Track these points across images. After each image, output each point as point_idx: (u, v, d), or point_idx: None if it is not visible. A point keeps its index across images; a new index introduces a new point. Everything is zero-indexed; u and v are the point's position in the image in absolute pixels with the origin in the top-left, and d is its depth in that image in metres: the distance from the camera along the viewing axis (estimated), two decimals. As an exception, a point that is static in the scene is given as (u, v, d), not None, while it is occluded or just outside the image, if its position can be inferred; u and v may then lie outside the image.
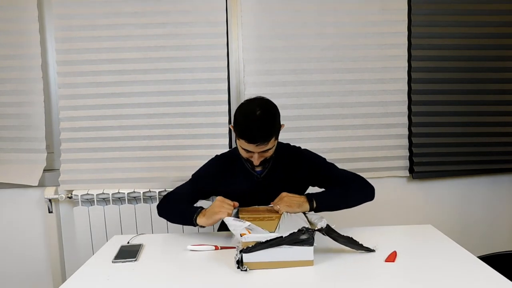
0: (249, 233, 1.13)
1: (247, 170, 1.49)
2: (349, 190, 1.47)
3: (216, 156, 1.62)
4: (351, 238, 1.21)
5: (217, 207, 1.31)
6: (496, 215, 2.26)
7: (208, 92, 2.02)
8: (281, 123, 1.43)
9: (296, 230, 1.11)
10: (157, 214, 1.52)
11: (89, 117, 2.01)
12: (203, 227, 1.36)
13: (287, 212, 1.33)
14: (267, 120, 1.34)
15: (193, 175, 1.59)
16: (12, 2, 1.95)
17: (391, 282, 1.03)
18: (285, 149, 1.56)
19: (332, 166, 1.54)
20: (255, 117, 1.32)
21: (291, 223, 1.24)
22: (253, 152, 1.37)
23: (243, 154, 1.42)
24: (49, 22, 2.04)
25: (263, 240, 1.10)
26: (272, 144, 1.37)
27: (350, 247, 1.22)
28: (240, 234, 1.12)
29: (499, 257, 1.41)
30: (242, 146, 1.37)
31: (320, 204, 1.38)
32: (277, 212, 1.36)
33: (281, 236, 1.10)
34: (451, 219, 2.23)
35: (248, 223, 1.19)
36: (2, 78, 1.99)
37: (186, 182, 1.59)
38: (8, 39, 1.97)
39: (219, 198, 1.35)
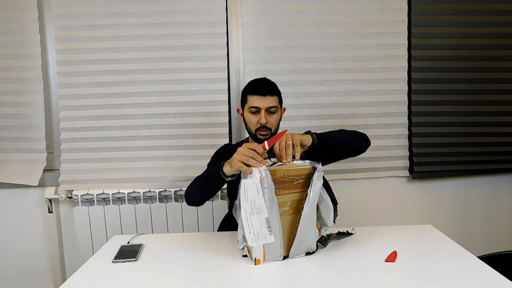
0: (264, 253, 1.15)
1: None
2: (346, 130, 1.54)
3: (225, 144, 1.75)
4: (338, 232, 1.33)
5: (238, 155, 1.20)
6: (496, 215, 2.26)
7: (208, 92, 2.03)
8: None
9: (308, 251, 1.21)
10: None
11: (89, 117, 2.01)
12: (233, 177, 1.29)
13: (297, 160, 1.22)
14: (271, 81, 1.56)
15: (208, 164, 1.59)
16: (12, 2, 1.95)
17: (391, 282, 1.03)
18: None
19: None
20: (261, 78, 1.57)
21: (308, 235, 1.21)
22: (260, 112, 1.46)
23: (252, 120, 1.50)
24: (49, 22, 2.04)
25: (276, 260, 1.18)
26: (277, 102, 1.50)
27: (340, 238, 1.32)
28: (255, 260, 1.15)
29: (499, 257, 1.41)
30: (251, 104, 1.48)
31: (318, 136, 1.34)
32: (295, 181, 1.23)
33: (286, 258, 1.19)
34: (451, 219, 2.23)
35: (270, 239, 1.14)
36: (2, 78, 1.99)
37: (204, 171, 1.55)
38: (8, 39, 1.97)
39: (245, 144, 1.24)
